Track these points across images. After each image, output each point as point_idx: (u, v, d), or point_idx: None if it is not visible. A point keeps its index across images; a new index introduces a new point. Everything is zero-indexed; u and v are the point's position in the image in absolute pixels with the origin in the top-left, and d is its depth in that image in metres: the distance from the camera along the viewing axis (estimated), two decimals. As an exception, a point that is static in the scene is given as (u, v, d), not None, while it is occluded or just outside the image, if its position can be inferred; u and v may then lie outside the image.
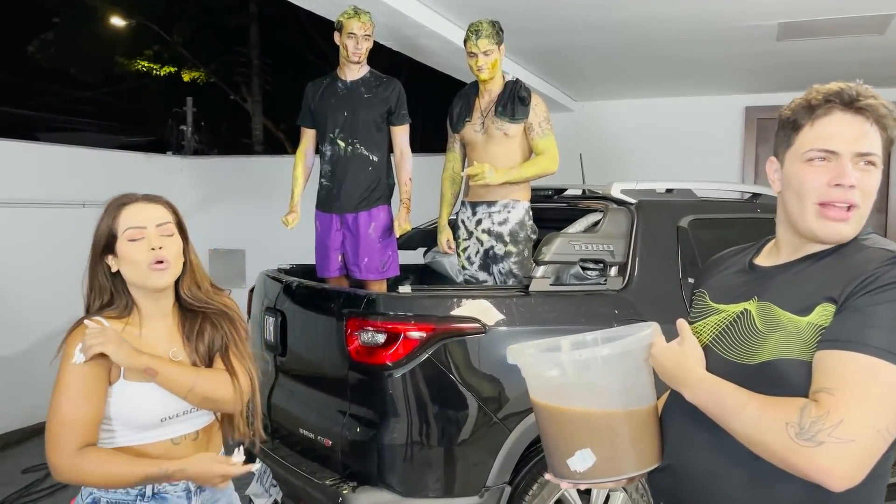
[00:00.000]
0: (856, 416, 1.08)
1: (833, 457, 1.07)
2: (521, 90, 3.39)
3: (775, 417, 1.13)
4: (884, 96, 1.28)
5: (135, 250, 1.66)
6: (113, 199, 1.73)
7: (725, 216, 3.60)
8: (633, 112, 6.66)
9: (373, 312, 2.64)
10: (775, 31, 4.14)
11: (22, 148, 5.47)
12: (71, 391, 1.59)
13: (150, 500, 1.69)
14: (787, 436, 1.11)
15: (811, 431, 1.09)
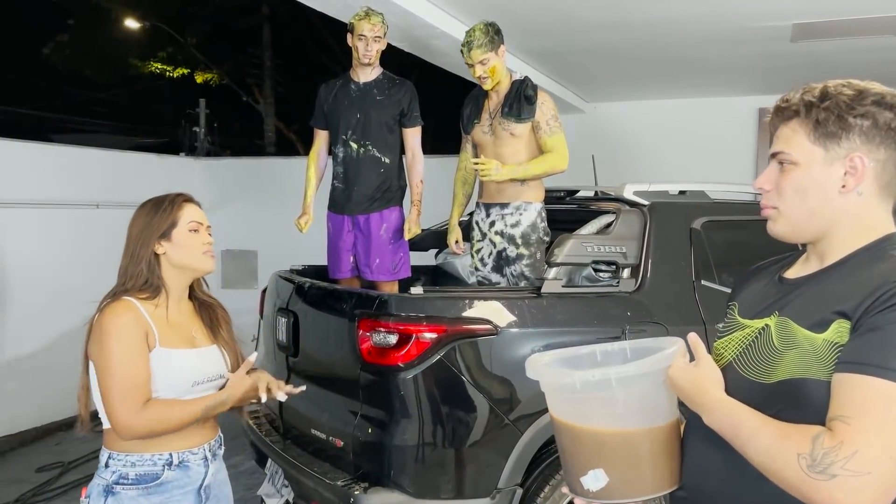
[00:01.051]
0: (872, 447, 1.01)
1: (848, 490, 1.01)
2: (528, 88, 3.34)
3: (788, 448, 1.08)
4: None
5: (194, 239, 1.96)
6: (172, 196, 1.99)
7: (739, 218, 3.58)
8: (645, 113, 6.63)
9: (385, 313, 2.64)
10: (789, 32, 4.12)
11: (37, 149, 5.52)
12: (126, 356, 1.78)
13: (177, 469, 1.87)
14: (800, 468, 1.06)
15: (823, 463, 1.03)
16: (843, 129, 1.18)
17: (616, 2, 3.65)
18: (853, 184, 1.19)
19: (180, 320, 1.95)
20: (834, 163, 1.20)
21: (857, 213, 1.21)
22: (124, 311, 1.82)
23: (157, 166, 6.62)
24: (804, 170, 1.23)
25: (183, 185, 7.13)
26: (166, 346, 1.85)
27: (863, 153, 1.18)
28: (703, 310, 3.09)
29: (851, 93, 1.19)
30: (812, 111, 1.21)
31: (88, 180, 5.66)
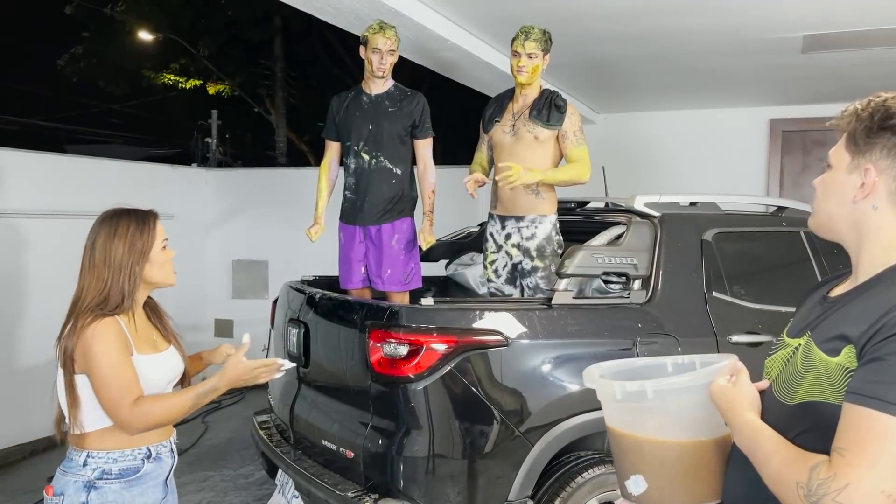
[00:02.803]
0: (863, 480, 1.03)
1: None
2: (558, 98, 3.41)
3: (791, 475, 1.11)
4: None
5: (165, 256, 2.08)
6: (147, 215, 2.08)
7: (750, 230, 3.57)
8: (656, 124, 6.63)
9: (395, 324, 2.65)
10: (800, 44, 4.12)
11: (51, 160, 5.57)
12: (117, 363, 1.90)
13: (154, 461, 2.03)
14: (798, 496, 1.09)
15: (818, 494, 1.06)
16: (869, 141, 1.20)
17: (627, 14, 3.66)
18: (861, 195, 1.21)
19: (143, 328, 2.07)
20: (854, 171, 1.22)
21: (878, 227, 1.22)
22: (110, 328, 1.92)
23: (170, 177, 6.67)
24: (833, 173, 1.27)
25: (195, 195, 7.22)
26: (141, 352, 1.99)
27: (879, 168, 1.19)
28: (714, 321, 3.08)
29: (883, 105, 1.20)
30: (854, 119, 1.23)
31: (102, 191, 5.70)
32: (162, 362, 2.06)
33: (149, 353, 2.02)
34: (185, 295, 6.68)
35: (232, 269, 7.04)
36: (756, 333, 3.16)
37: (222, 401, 6.47)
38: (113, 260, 1.98)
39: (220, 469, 4.77)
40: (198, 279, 6.88)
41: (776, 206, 3.89)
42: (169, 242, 2.11)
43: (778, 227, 3.64)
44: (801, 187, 6.34)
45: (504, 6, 3.58)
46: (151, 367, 2.01)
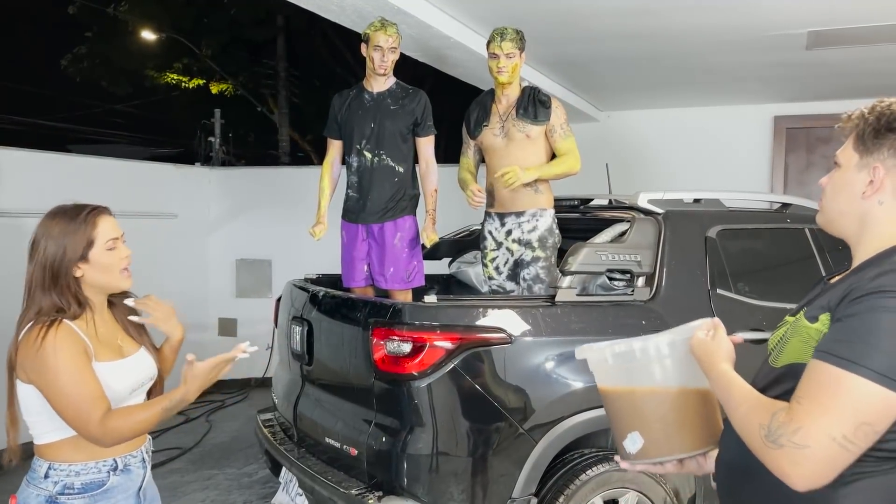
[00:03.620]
0: (813, 425, 1.15)
1: (789, 460, 1.17)
2: (541, 94, 3.45)
3: (754, 420, 1.24)
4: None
5: (112, 258, 1.88)
6: (85, 211, 1.89)
7: (755, 226, 3.56)
8: (659, 122, 6.62)
9: (398, 322, 2.64)
10: (805, 40, 4.10)
11: (55, 159, 5.58)
12: (77, 374, 1.75)
13: (121, 473, 1.89)
14: (759, 437, 1.21)
15: (775, 435, 1.19)
16: (877, 140, 1.30)
17: (630, 12, 3.65)
18: (871, 192, 1.30)
19: (106, 332, 1.91)
20: (863, 170, 1.32)
21: (880, 220, 1.31)
22: (63, 334, 1.76)
23: (173, 176, 6.67)
24: (842, 172, 1.36)
25: (198, 194, 7.22)
26: (100, 360, 1.83)
27: (886, 166, 1.29)
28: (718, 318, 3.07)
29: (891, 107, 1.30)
30: (861, 122, 1.34)
31: (105, 190, 5.69)
32: (127, 369, 1.90)
33: (110, 359, 1.87)
34: (188, 294, 6.69)
35: (235, 268, 7.05)
36: (760, 330, 3.15)
37: (226, 399, 6.48)
38: (44, 262, 1.82)
39: (224, 467, 4.77)
40: (201, 278, 6.88)
41: (780, 203, 3.89)
42: (120, 241, 1.91)
43: (782, 224, 3.63)
44: (806, 184, 6.32)
45: (507, 4, 3.57)
46: (113, 375, 1.85)
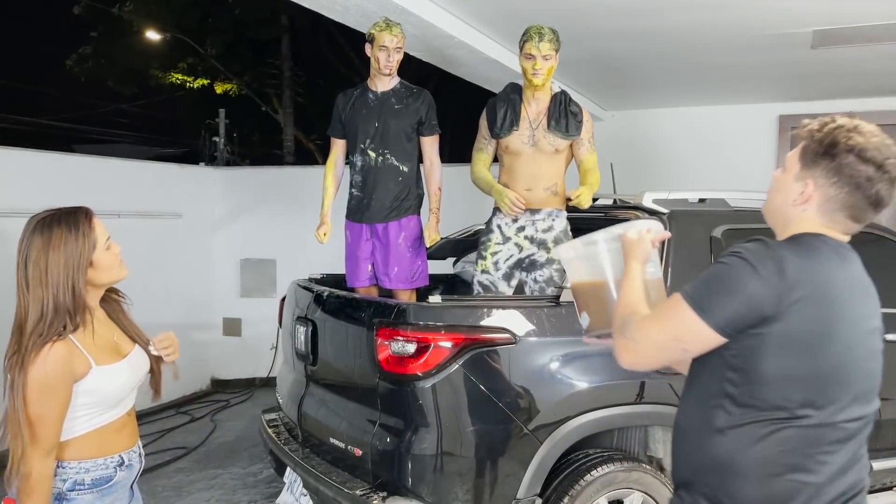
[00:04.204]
0: (648, 329, 1.54)
1: (623, 347, 1.57)
2: (572, 105, 3.38)
3: (623, 311, 1.63)
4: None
5: (111, 255, 1.94)
6: (80, 216, 1.89)
7: (760, 226, 3.53)
8: (664, 121, 6.61)
9: (403, 322, 2.64)
10: (810, 39, 4.09)
11: (60, 159, 5.59)
12: (46, 395, 1.76)
13: (125, 468, 1.98)
14: (618, 324, 1.61)
15: (624, 327, 1.57)
16: (816, 160, 1.50)
17: (635, 11, 3.64)
18: (800, 201, 1.52)
19: (103, 333, 1.94)
20: (799, 181, 1.53)
21: (798, 224, 1.54)
22: (56, 354, 1.77)
23: (178, 176, 6.68)
24: (785, 175, 1.57)
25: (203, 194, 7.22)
26: (102, 363, 1.88)
27: (817, 184, 1.50)
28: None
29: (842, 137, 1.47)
30: (809, 138, 1.53)
31: (110, 190, 5.72)
32: (126, 367, 1.97)
33: (111, 361, 1.92)
34: (193, 294, 6.70)
35: (240, 267, 7.06)
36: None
37: (230, 399, 6.49)
38: (51, 277, 1.80)
39: (229, 467, 4.78)
40: (206, 278, 6.89)
41: (786, 203, 3.87)
42: (111, 238, 1.96)
43: (787, 224, 3.61)
44: (811, 184, 6.30)
45: (511, 3, 3.57)
46: (115, 375, 1.92)
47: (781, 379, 1.43)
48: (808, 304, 1.41)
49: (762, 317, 1.41)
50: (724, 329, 1.44)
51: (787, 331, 1.41)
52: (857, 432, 1.49)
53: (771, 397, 1.44)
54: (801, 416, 1.43)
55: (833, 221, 1.51)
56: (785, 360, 1.42)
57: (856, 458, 1.50)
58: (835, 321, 1.44)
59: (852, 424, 1.47)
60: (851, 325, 1.47)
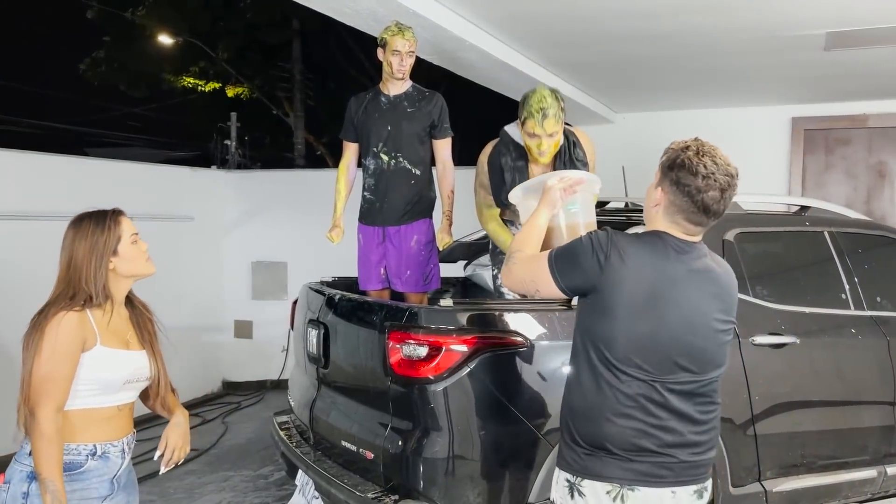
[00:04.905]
0: (520, 264, 2.07)
1: (503, 270, 2.13)
2: (577, 149, 3.15)
3: (515, 244, 2.17)
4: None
5: (137, 249, 2.15)
6: (109, 213, 2.15)
7: (773, 229, 3.53)
8: (675, 123, 6.58)
9: (415, 325, 2.64)
10: (823, 41, 4.07)
11: (73, 163, 5.63)
12: (57, 354, 1.94)
13: (99, 459, 2.04)
14: (507, 253, 2.16)
15: (509, 256, 2.13)
16: (666, 173, 1.91)
17: (647, 13, 3.63)
18: (653, 205, 1.95)
19: (119, 325, 2.12)
20: (657, 188, 1.94)
21: (654, 222, 1.97)
22: (70, 320, 1.97)
23: (190, 179, 6.71)
24: (652, 185, 1.97)
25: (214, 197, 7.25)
26: (106, 345, 2.04)
27: (665, 191, 1.91)
28: (736, 322, 3.04)
29: (684, 157, 1.88)
30: (664, 156, 1.94)
31: (122, 193, 5.74)
32: (126, 360, 2.09)
33: (115, 347, 2.07)
34: (204, 296, 6.73)
35: (251, 270, 7.08)
36: (779, 334, 3.12)
37: (242, 401, 6.51)
38: (76, 261, 2.06)
39: (240, 469, 4.79)
40: (217, 280, 6.92)
41: (799, 206, 3.85)
42: (139, 236, 2.18)
43: (801, 227, 3.59)
44: (824, 186, 6.26)
45: (522, 6, 3.56)
46: (113, 360, 2.05)
47: (611, 339, 1.86)
48: (628, 283, 1.84)
49: (592, 287, 1.89)
50: (565, 289, 1.95)
51: (608, 302, 1.86)
52: (684, 395, 1.89)
53: (604, 353, 1.87)
54: (623, 372, 1.85)
55: (675, 223, 1.92)
56: (610, 324, 1.86)
57: (686, 415, 1.89)
58: (653, 299, 1.85)
59: (677, 386, 1.88)
60: (674, 306, 1.86)
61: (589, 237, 1.92)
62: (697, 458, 1.92)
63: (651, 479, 1.86)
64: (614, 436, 1.86)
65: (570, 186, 2.31)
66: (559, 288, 1.94)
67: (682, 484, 1.90)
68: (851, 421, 3.35)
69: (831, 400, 3.29)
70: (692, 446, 1.90)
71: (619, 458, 1.86)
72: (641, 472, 1.86)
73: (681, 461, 1.89)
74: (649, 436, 1.86)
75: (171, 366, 2.31)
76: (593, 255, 1.87)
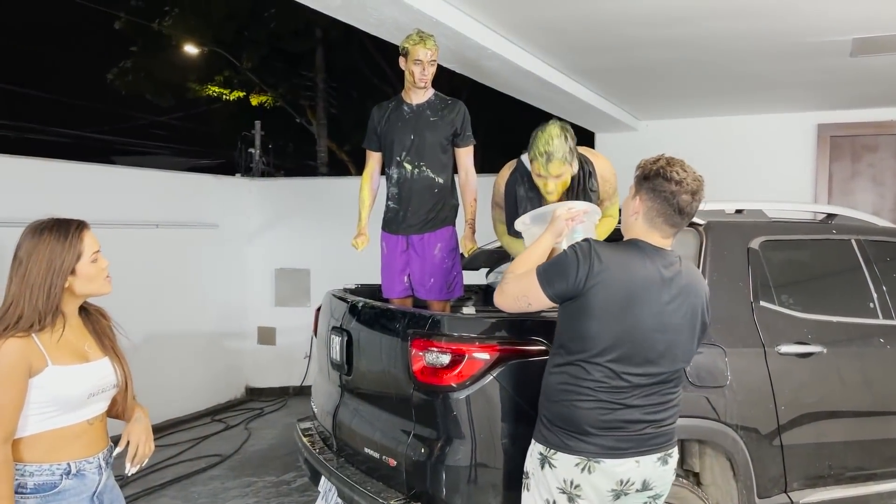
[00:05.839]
0: (511, 282, 2.30)
1: (498, 290, 2.34)
2: (591, 179, 3.06)
3: (513, 267, 2.39)
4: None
5: (96, 268, 2.01)
6: (72, 227, 1.98)
7: (799, 238, 3.49)
8: (699, 130, 6.55)
9: (437, 333, 2.65)
10: (849, 47, 4.03)
11: (101, 171, 5.72)
12: (3, 386, 1.83)
13: (74, 477, 1.97)
14: (505, 273, 2.37)
15: (504, 277, 2.34)
16: (642, 183, 2.19)
17: (668, 19, 3.62)
18: (634, 212, 2.21)
19: (72, 338, 2.00)
20: (634, 198, 2.21)
21: (633, 230, 2.24)
22: (12, 348, 1.85)
23: (214, 186, 6.79)
24: (630, 195, 2.24)
25: (238, 205, 7.30)
26: (59, 363, 1.93)
27: (642, 200, 2.18)
28: (761, 331, 3.02)
29: (657, 167, 2.15)
30: (640, 169, 2.21)
31: (148, 201, 5.83)
32: (86, 373, 1.99)
33: (70, 363, 1.95)
34: (228, 303, 6.79)
35: (275, 277, 7.14)
36: (806, 343, 3.09)
37: (264, 407, 6.56)
38: (31, 277, 1.91)
39: (263, 475, 4.82)
40: (241, 287, 6.98)
41: (825, 214, 3.81)
42: (100, 253, 2.03)
43: (828, 235, 3.55)
44: (851, 194, 6.19)
45: (544, 14, 3.57)
46: (70, 377, 1.94)
47: (587, 336, 2.12)
48: (606, 288, 2.10)
49: (577, 293, 2.13)
50: (553, 297, 2.18)
51: (588, 303, 2.11)
52: (649, 385, 2.15)
53: (580, 347, 2.14)
54: (595, 364, 2.12)
55: (653, 227, 2.18)
56: (588, 323, 2.12)
57: (649, 400, 2.16)
58: (627, 302, 2.11)
59: (644, 379, 2.14)
60: (646, 307, 2.12)
61: (573, 249, 2.17)
62: (658, 430, 2.18)
63: (615, 451, 2.13)
64: (581, 416, 2.13)
65: (576, 216, 2.53)
66: (548, 297, 2.18)
67: (645, 453, 2.16)
68: (880, 431, 3.30)
69: (859, 410, 3.24)
70: (653, 423, 2.17)
71: (586, 435, 2.13)
72: (606, 447, 2.13)
73: (642, 434, 2.15)
74: (613, 415, 2.13)
75: (194, 372, 2.28)
76: (578, 265, 2.12)
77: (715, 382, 2.85)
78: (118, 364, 2.10)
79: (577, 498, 2.14)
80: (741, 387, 2.89)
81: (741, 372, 2.91)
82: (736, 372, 2.89)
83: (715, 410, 2.83)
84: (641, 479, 2.16)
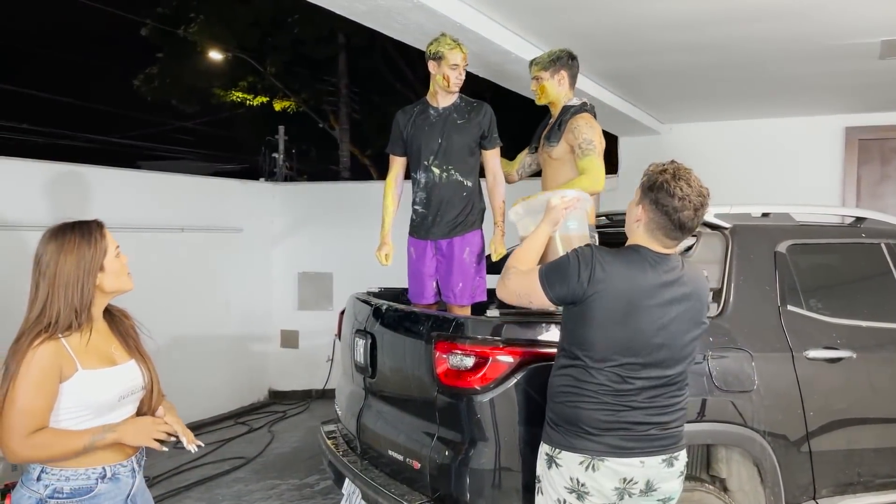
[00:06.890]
0: (515, 279, 2.35)
1: (499, 283, 2.37)
2: (567, 114, 3.31)
3: (512, 261, 2.42)
4: None
5: (120, 263, 2.06)
6: (93, 225, 2.02)
7: (827, 241, 3.45)
8: (724, 134, 6.49)
9: (461, 336, 2.65)
10: (878, 49, 3.97)
11: (127, 175, 5.80)
12: (31, 387, 1.86)
13: (109, 481, 1.99)
14: (505, 266, 2.41)
15: (506, 270, 2.40)
16: (646, 193, 2.18)
17: (694, 23, 3.59)
18: (636, 219, 2.22)
19: (99, 342, 2.03)
20: (638, 206, 2.22)
21: (635, 236, 2.25)
22: (44, 357, 1.87)
23: (238, 191, 6.85)
24: (633, 201, 2.25)
25: (262, 209, 7.37)
26: (88, 367, 1.95)
27: (645, 209, 2.18)
28: (789, 336, 2.98)
29: (662, 179, 2.15)
30: (645, 176, 2.22)
31: (174, 205, 5.90)
32: (115, 376, 2.01)
33: (99, 367, 1.97)
34: (252, 306, 6.84)
35: (298, 280, 7.18)
36: (835, 349, 3.05)
37: (287, 410, 6.59)
38: (62, 277, 1.92)
39: (287, 477, 4.84)
40: (265, 291, 7.03)
41: (854, 217, 3.75)
42: (120, 249, 2.07)
43: (856, 239, 3.50)
44: (880, 197, 6.10)
45: (569, 18, 3.57)
46: (100, 381, 1.96)
47: (590, 342, 2.15)
48: (608, 294, 2.13)
49: (578, 298, 2.16)
50: (554, 300, 2.23)
51: (590, 310, 2.14)
52: (653, 388, 2.17)
53: (583, 351, 2.17)
54: (598, 369, 2.15)
55: (654, 238, 2.20)
56: (591, 330, 2.15)
57: (654, 402, 2.17)
58: (629, 307, 2.13)
59: (646, 382, 2.16)
60: (647, 313, 2.14)
61: (575, 254, 2.21)
62: (664, 432, 2.19)
63: (619, 450, 2.14)
64: (586, 417, 2.16)
65: (570, 204, 2.66)
66: (549, 299, 2.23)
67: (651, 454, 2.16)
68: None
69: (890, 416, 3.19)
70: (659, 425, 2.18)
71: (590, 434, 2.15)
72: (611, 445, 2.14)
73: (647, 435, 2.16)
74: (616, 417, 2.15)
75: (218, 374, 2.29)
76: (579, 271, 2.16)
77: (742, 387, 2.82)
78: (144, 365, 2.12)
79: (586, 496, 2.16)
80: (769, 392, 2.86)
81: (769, 377, 2.88)
82: (763, 377, 2.86)
83: (741, 415, 2.80)
84: (645, 479, 2.17)
